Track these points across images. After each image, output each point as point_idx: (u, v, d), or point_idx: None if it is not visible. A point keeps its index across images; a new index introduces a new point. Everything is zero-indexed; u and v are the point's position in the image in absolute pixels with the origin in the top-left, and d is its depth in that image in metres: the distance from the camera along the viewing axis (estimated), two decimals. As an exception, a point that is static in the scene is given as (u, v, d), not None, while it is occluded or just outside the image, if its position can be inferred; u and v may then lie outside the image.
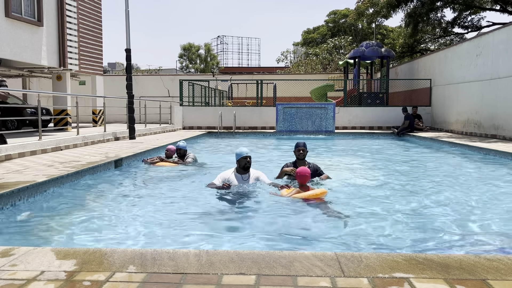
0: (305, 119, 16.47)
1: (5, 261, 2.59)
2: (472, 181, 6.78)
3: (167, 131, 16.83)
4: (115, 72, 46.91)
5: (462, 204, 5.17)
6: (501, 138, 12.27)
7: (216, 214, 4.66)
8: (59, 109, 14.31)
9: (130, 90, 12.79)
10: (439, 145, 12.19)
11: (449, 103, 16.03)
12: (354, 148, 12.23)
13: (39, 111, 9.28)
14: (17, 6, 11.39)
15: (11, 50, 11.23)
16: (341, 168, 8.22)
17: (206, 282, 2.27)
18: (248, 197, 5.26)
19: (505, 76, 12.14)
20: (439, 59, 17.10)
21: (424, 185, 6.41)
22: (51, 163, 7.11)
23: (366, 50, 20.01)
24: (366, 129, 17.86)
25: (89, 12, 15.49)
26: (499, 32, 12.64)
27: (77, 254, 2.71)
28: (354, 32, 41.28)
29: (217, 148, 12.12)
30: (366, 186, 6.31)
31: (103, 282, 2.28)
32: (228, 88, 23.62)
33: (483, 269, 2.44)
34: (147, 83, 25.45)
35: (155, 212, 4.74)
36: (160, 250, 2.73)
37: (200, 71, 52.14)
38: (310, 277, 2.32)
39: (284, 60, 45.82)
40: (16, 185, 5.00)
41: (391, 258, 2.60)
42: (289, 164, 6.20)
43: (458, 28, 25.68)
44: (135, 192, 5.88)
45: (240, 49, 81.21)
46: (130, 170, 7.68)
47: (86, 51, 15.28)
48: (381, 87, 20.37)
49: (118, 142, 11.94)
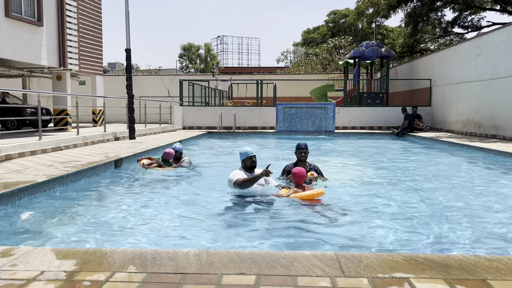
0: (305, 119, 16.47)
1: (5, 261, 2.59)
2: (472, 181, 6.78)
3: (167, 131, 16.83)
4: (115, 72, 46.91)
5: (461, 204, 5.17)
6: (501, 138, 12.26)
7: (217, 214, 4.66)
8: (59, 109, 14.30)
9: (130, 90, 12.80)
10: (439, 145, 12.19)
11: (449, 103, 16.03)
12: (354, 148, 12.23)
13: (39, 111, 9.28)
14: (17, 6, 11.38)
15: (11, 50, 11.23)
16: (341, 168, 8.22)
17: (206, 282, 2.27)
18: (254, 197, 5.24)
19: (505, 76, 12.14)
20: (439, 59, 17.09)
21: (423, 185, 6.41)
22: (51, 163, 7.11)
23: (366, 50, 20.01)
24: (366, 129, 17.86)
25: (89, 12, 15.49)
26: (499, 32, 12.64)
27: (77, 254, 2.71)
28: (354, 32, 41.29)
29: (217, 148, 12.11)
30: (365, 186, 6.31)
31: (103, 282, 2.28)
32: (228, 88, 23.62)
33: (483, 269, 2.44)
34: (147, 83, 25.45)
35: (155, 212, 4.74)
36: (160, 250, 2.73)
37: (200, 71, 52.14)
38: (310, 277, 2.32)
39: (284, 60, 45.86)
40: (16, 185, 5.00)
41: (391, 258, 2.60)
42: (290, 165, 6.19)
43: (458, 28, 25.70)
44: (135, 192, 5.88)
45: (240, 49, 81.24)
46: (130, 170, 7.68)
47: (86, 51, 15.28)
48: (381, 87, 20.37)
49: (118, 142, 11.94)
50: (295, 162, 6.20)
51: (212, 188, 5.94)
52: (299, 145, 6.08)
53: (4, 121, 12.58)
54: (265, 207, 4.90)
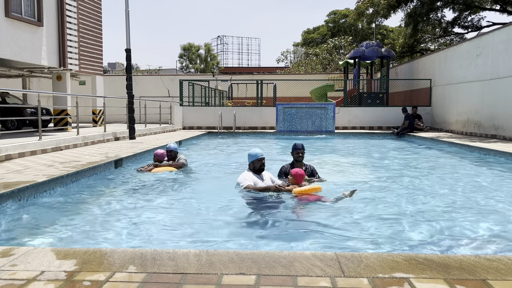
0: (305, 119, 16.47)
1: (5, 261, 2.59)
2: (472, 181, 6.77)
3: (167, 131, 16.83)
4: (115, 72, 46.91)
5: (461, 203, 5.17)
6: (501, 138, 12.26)
7: (217, 214, 4.66)
8: (59, 109, 14.31)
9: (130, 90, 12.80)
10: (439, 145, 12.19)
11: (449, 103, 16.03)
12: (354, 148, 12.23)
13: (39, 111, 9.28)
14: (17, 6, 11.38)
15: (11, 50, 11.23)
16: (341, 168, 8.22)
17: (206, 282, 2.27)
18: (256, 198, 5.22)
19: (505, 76, 12.14)
20: (439, 59, 17.09)
21: (423, 185, 6.41)
22: (51, 163, 7.11)
23: (366, 50, 20.01)
24: (366, 129, 17.86)
25: (89, 12, 15.49)
26: (499, 32, 12.64)
27: (77, 254, 2.71)
28: (354, 32, 41.28)
29: (219, 148, 12.11)
30: (365, 186, 6.30)
31: (103, 282, 2.28)
32: (228, 88, 23.62)
33: (483, 269, 2.43)
34: (147, 83, 25.45)
35: (155, 212, 4.74)
36: (160, 250, 2.73)
37: (200, 71, 52.15)
38: (310, 277, 2.32)
39: (284, 60, 45.86)
40: (16, 185, 5.00)
41: (391, 258, 2.60)
42: (286, 166, 6.16)
43: (458, 28, 25.70)
44: (135, 192, 5.88)
45: (240, 49, 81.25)
46: (130, 170, 7.67)
47: (86, 51, 15.28)
48: (381, 87, 20.37)
49: (118, 142, 11.94)
50: (291, 162, 6.17)
51: (212, 188, 5.95)
52: (295, 145, 6.04)
53: (4, 121, 12.58)
54: (267, 208, 4.90)
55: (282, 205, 4.90)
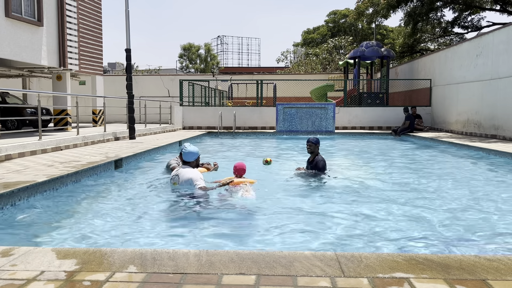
0: (305, 119, 16.47)
1: (5, 261, 2.59)
2: (472, 181, 6.77)
3: (167, 131, 16.83)
4: (115, 72, 46.91)
5: (461, 203, 5.17)
6: (501, 138, 12.26)
7: (217, 214, 4.66)
8: (59, 109, 14.31)
9: (130, 90, 12.80)
10: (439, 145, 12.19)
11: (449, 103, 16.03)
12: (354, 148, 12.22)
13: (39, 111, 9.28)
14: (17, 6, 11.38)
15: (11, 50, 11.23)
16: (341, 168, 8.21)
17: (206, 282, 2.27)
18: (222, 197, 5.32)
19: (505, 76, 12.14)
20: (439, 59, 17.10)
21: (423, 185, 6.41)
22: (51, 163, 7.11)
23: (366, 50, 20.01)
24: (366, 129, 17.86)
25: (89, 12, 15.48)
26: (499, 32, 12.64)
27: (77, 254, 2.71)
28: (354, 32, 41.31)
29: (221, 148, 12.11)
30: (365, 186, 6.30)
31: (103, 282, 2.28)
32: (228, 88, 23.63)
33: (483, 269, 2.44)
34: (147, 83, 25.45)
35: (155, 212, 4.74)
36: (160, 250, 2.73)
37: (200, 71, 52.16)
38: (310, 277, 2.32)
39: (284, 60, 45.87)
40: (16, 185, 5.00)
41: (391, 258, 2.60)
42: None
43: (458, 28, 25.72)
44: (135, 191, 5.88)
45: (240, 49, 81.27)
46: (130, 170, 7.67)
47: (86, 51, 15.27)
48: (381, 87, 20.38)
49: (118, 142, 11.94)
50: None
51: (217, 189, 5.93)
52: (308, 139, 6.80)
53: (4, 121, 12.58)
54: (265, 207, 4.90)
55: (280, 206, 4.89)
